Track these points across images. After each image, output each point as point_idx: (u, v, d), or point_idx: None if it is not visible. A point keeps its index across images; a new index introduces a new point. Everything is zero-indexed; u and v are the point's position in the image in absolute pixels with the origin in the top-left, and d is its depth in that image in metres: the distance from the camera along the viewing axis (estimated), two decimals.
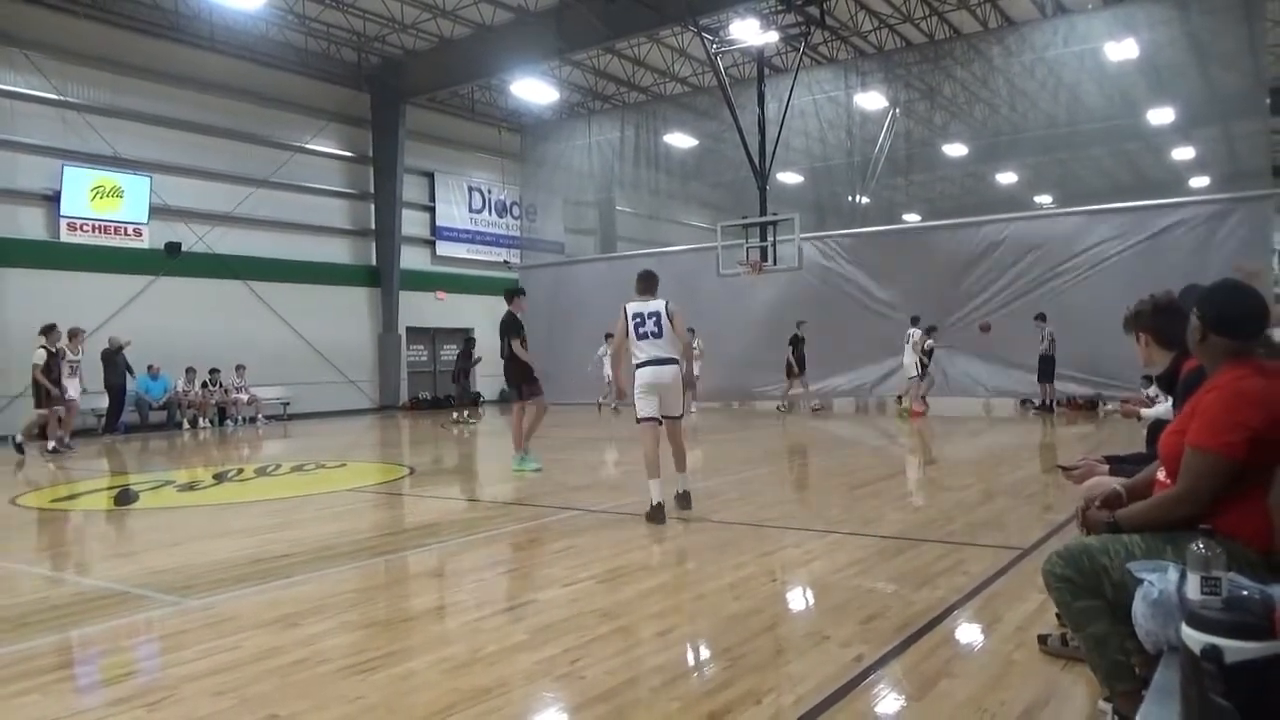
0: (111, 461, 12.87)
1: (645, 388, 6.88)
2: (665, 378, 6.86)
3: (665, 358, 6.86)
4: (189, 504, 8.64)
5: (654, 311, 6.89)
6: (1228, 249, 14.69)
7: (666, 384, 6.88)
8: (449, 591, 5.22)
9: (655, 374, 6.85)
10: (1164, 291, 3.70)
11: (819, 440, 13.86)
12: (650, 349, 6.88)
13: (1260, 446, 2.36)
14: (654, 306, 6.92)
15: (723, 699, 3.17)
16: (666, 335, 6.85)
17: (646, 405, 6.89)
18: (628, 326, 6.96)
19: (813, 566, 5.26)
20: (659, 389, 6.86)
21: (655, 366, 6.86)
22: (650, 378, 6.85)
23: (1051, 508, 6.75)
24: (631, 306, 7.00)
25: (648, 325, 6.88)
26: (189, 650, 3.86)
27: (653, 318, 6.87)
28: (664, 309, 6.88)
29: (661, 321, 6.85)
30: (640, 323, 6.90)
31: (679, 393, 7.01)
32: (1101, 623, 2.53)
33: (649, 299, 6.99)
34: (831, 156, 24.79)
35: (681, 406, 7.09)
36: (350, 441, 15.54)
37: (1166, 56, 19.83)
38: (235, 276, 19.50)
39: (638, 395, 6.93)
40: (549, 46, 19.57)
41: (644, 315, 6.91)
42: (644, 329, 6.89)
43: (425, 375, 24.48)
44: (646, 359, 6.88)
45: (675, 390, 6.95)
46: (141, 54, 18.15)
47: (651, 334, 6.87)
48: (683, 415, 7.19)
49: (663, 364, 6.86)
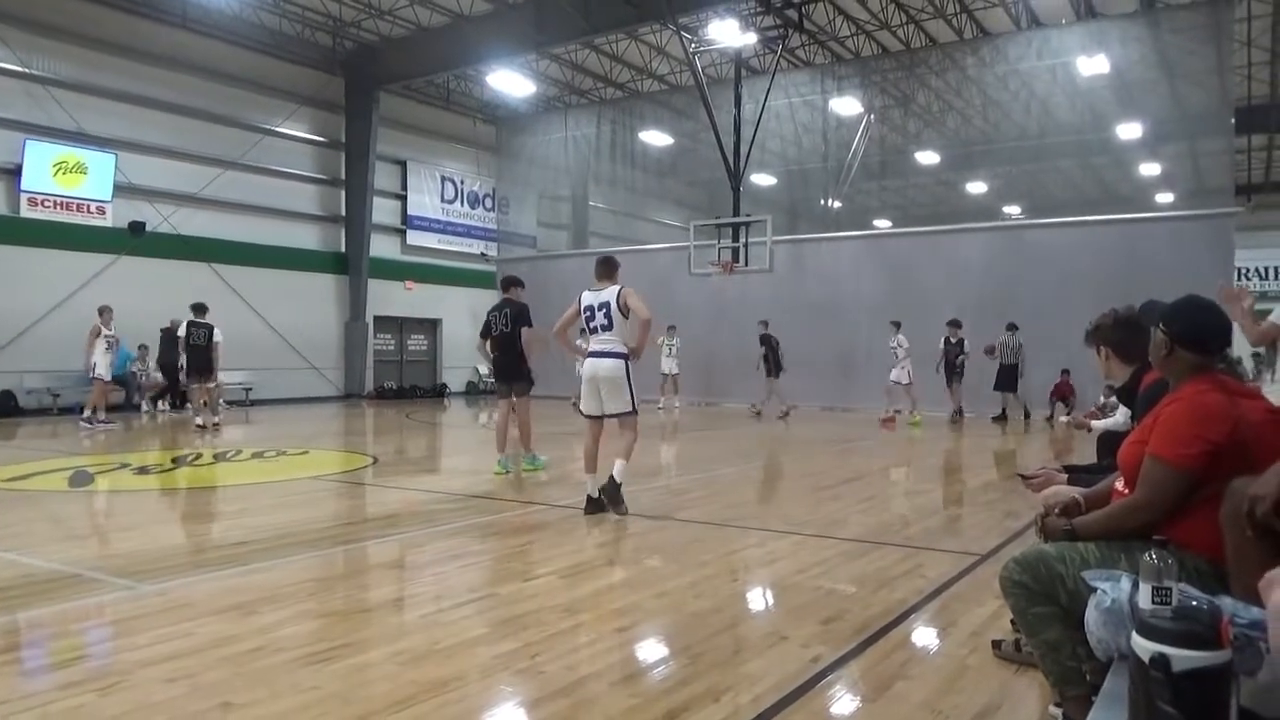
0: (65, 442, 12.64)
1: (585, 381, 6.86)
2: (601, 370, 6.75)
3: (606, 351, 6.76)
4: (145, 488, 8.51)
5: (604, 303, 6.77)
6: (1192, 265, 14.94)
7: (602, 376, 6.75)
8: (408, 583, 5.19)
9: (593, 366, 6.80)
10: (1125, 306, 3.76)
11: (786, 442, 13.93)
12: (595, 342, 6.81)
13: (1218, 460, 2.41)
14: (605, 297, 6.80)
15: (681, 696, 3.18)
16: (616, 328, 6.74)
17: (586, 401, 6.89)
18: (579, 312, 6.92)
19: (774, 567, 5.29)
20: (596, 381, 6.79)
21: (594, 359, 6.80)
22: (588, 370, 6.83)
23: (1011, 514, 6.84)
24: (585, 297, 6.92)
25: (597, 318, 6.80)
26: (142, 636, 3.80)
27: (602, 309, 6.77)
28: (614, 299, 6.73)
29: (611, 313, 6.72)
30: (590, 315, 6.84)
31: (618, 387, 6.77)
32: (1055, 629, 2.56)
33: (605, 285, 6.88)
34: (806, 160, 24.96)
35: (626, 403, 6.80)
36: (313, 429, 15.38)
37: (1137, 73, 20.19)
38: (200, 259, 19.20)
39: (581, 387, 6.94)
40: (527, 39, 19.47)
41: (594, 307, 6.82)
42: (594, 322, 6.82)
43: (392, 365, 24.30)
44: (590, 350, 6.85)
45: (613, 384, 6.76)
46: (111, 29, 17.80)
47: (601, 326, 6.79)
48: (631, 412, 6.86)
49: (602, 357, 6.76)
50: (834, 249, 20.40)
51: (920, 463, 11.38)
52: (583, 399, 6.92)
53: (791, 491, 8.82)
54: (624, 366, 6.74)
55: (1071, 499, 2.92)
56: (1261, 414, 2.52)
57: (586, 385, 6.85)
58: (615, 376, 6.73)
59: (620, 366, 6.73)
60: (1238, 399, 2.53)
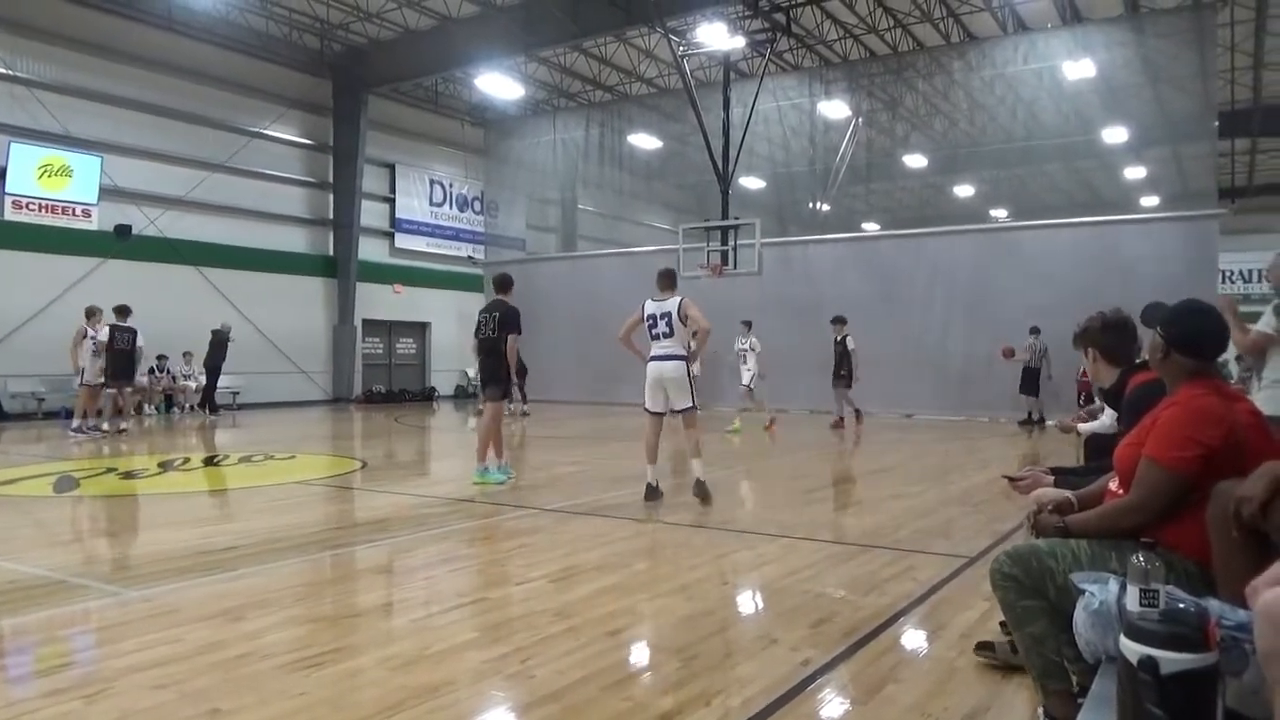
0: (50, 447, 12.54)
1: (650, 382, 7.55)
2: (666, 371, 7.46)
3: (670, 354, 7.46)
4: (131, 493, 8.45)
5: (666, 312, 7.46)
6: (1176, 267, 15.05)
7: (668, 377, 7.45)
8: (398, 588, 5.17)
9: (659, 369, 7.51)
10: (1113, 309, 3.79)
11: (775, 446, 13.94)
12: (657, 346, 7.53)
13: (1212, 464, 2.43)
14: (668, 307, 7.48)
15: (672, 700, 3.18)
16: (677, 334, 7.44)
17: (652, 399, 7.57)
18: (643, 319, 7.58)
19: (764, 570, 5.30)
20: (662, 382, 7.49)
21: (658, 362, 7.51)
22: (654, 372, 7.53)
23: (999, 517, 6.87)
24: (649, 305, 7.58)
25: (659, 326, 7.49)
26: (128, 642, 3.78)
27: (664, 318, 7.46)
28: (675, 309, 7.43)
29: (673, 322, 7.43)
30: (653, 323, 7.52)
31: (682, 386, 7.47)
32: (1041, 623, 2.59)
33: (668, 296, 7.56)
34: (794, 163, 25.03)
35: (689, 398, 7.48)
36: (301, 433, 15.32)
37: (1122, 78, 20.32)
38: (187, 262, 19.12)
39: (646, 388, 7.59)
40: (515, 42, 19.45)
41: (656, 316, 7.51)
42: (656, 329, 7.52)
43: (380, 368, 24.23)
44: (653, 355, 7.56)
45: (677, 384, 7.46)
46: (97, 31, 17.71)
47: (663, 334, 7.49)
48: (694, 407, 7.52)
49: (665, 360, 7.47)
50: (822, 251, 20.44)
51: (907, 465, 11.41)
52: (648, 397, 7.60)
53: (780, 495, 8.82)
54: (685, 367, 7.51)
55: (1065, 498, 2.95)
56: (1249, 417, 2.54)
57: (652, 385, 7.55)
58: (679, 376, 7.47)
59: (683, 367, 7.49)
60: (1231, 403, 2.56)
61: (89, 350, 13.64)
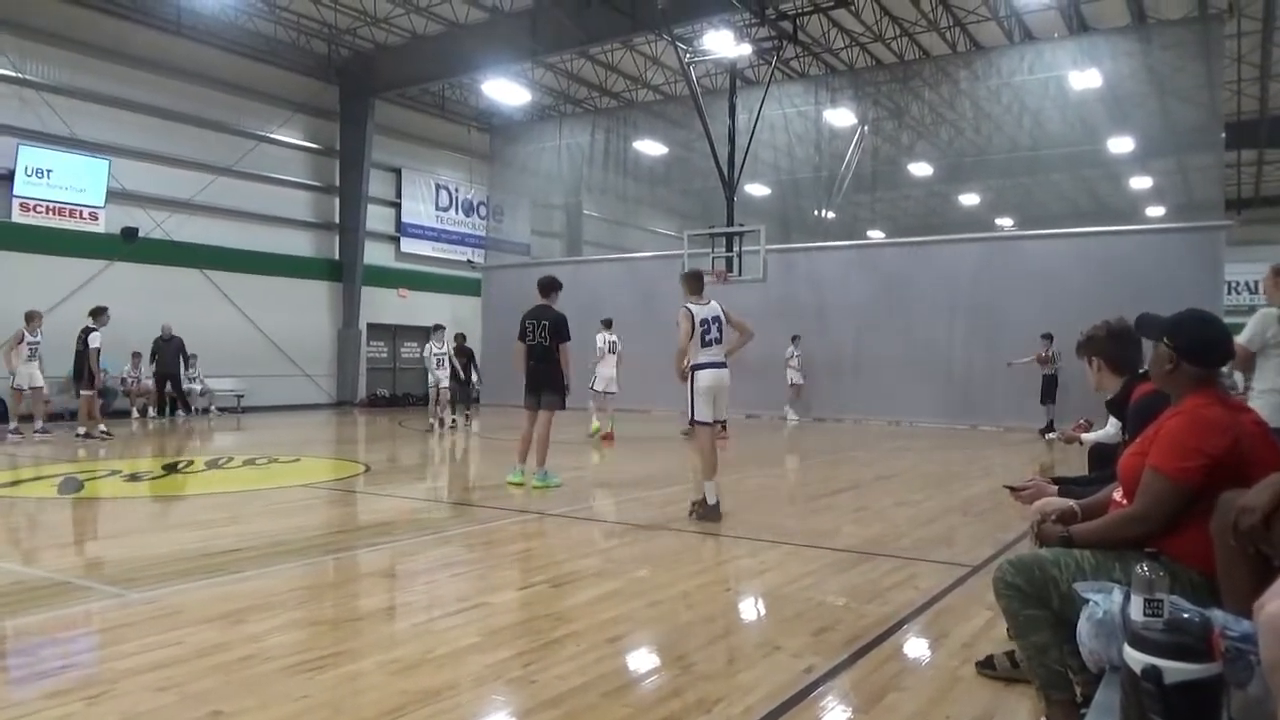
0: (55, 449, 12.57)
1: (707, 390, 7.03)
2: (726, 380, 7.13)
3: (725, 361, 7.16)
4: (135, 495, 8.46)
5: (716, 316, 7.13)
6: (1181, 278, 14.99)
7: (727, 386, 7.14)
8: (400, 592, 5.17)
9: (717, 377, 7.07)
10: (1117, 318, 3.78)
11: (774, 453, 13.94)
12: (713, 353, 7.10)
13: (1216, 474, 2.43)
14: (716, 310, 7.16)
15: (673, 707, 3.18)
16: (725, 339, 7.17)
17: (706, 408, 7.06)
18: (694, 329, 7.01)
19: (766, 577, 5.29)
20: (719, 391, 7.08)
21: (717, 370, 7.07)
22: (713, 380, 7.04)
23: (1002, 526, 6.85)
24: (700, 311, 7.08)
25: (713, 331, 7.10)
26: (130, 644, 3.78)
27: (716, 322, 7.12)
28: (722, 312, 7.18)
29: (723, 325, 7.15)
30: (707, 329, 7.07)
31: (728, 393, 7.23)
32: (1044, 632, 2.59)
33: (708, 300, 7.21)
34: (799, 170, 25.03)
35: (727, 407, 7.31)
36: (305, 436, 15.33)
37: (1128, 88, 20.32)
38: (193, 265, 19.16)
39: (699, 398, 7.03)
40: (522, 47, 19.50)
41: (709, 321, 7.09)
42: (710, 334, 7.08)
43: (385, 372, 24.24)
44: (709, 361, 7.06)
45: (728, 391, 7.22)
46: (105, 34, 17.78)
47: (716, 340, 7.11)
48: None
49: (724, 366, 7.13)
50: (826, 259, 20.44)
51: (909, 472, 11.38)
52: (704, 407, 7.04)
53: (783, 501, 8.81)
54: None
55: (1069, 507, 2.94)
56: (1254, 427, 2.54)
57: (711, 394, 7.03)
58: (729, 384, 7.21)
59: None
60: (1237, 413, 2.55)
61: (24, 354, 13.36)
